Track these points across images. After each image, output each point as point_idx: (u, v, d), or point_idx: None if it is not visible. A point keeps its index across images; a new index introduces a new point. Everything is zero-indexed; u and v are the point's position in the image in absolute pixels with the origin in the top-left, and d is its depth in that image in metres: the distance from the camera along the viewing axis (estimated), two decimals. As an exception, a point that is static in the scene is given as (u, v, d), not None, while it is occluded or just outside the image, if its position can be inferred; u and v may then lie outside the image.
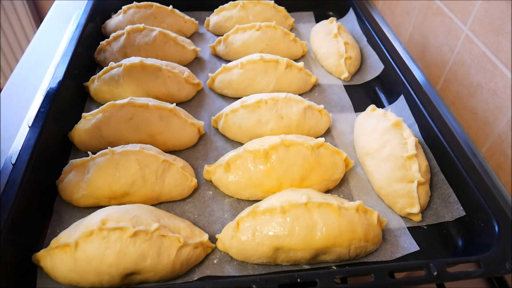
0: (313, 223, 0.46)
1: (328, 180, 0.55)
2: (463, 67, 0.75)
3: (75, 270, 0.42)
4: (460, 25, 0.75)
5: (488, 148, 0.69)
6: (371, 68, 0.76)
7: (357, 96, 0.73)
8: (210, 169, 0.56)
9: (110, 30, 0.82)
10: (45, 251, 0.44)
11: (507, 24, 0.63)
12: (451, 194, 0.53)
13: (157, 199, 0.53)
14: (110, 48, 0.75)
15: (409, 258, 0.48)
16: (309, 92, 0.74)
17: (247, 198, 0.54)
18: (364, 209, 0.49)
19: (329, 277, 0.39)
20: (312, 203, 0.47)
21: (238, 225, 0.47)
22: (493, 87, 0.67)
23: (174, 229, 0.46)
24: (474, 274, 0.41)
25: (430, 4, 0.84)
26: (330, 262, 0.47)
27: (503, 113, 0.65)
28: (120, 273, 0.43)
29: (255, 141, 0.57)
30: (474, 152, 0.67)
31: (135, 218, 0.45)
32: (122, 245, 0.42)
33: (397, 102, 0.66)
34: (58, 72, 0.62)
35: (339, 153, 0.56)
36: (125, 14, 0.82)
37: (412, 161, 0.53)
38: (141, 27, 0.74)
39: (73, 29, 0.74)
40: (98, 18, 0.83)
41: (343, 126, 0.67)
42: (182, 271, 0.45)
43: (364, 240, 0.46)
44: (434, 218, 0.53)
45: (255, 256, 0.46)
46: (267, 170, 0.53)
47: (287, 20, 0.88)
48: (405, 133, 0.57)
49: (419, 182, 0.52)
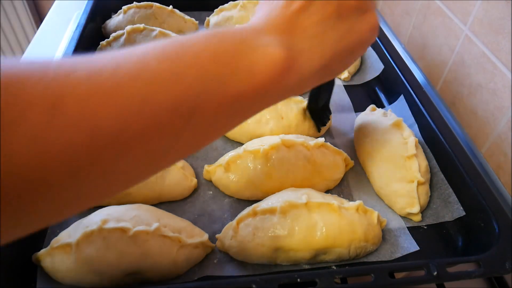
0: (313, 223, 0.46)
1: (328, 180, 0.55)
2: (463, 67, 0.75)
3: (75, 270, 0.42)
4: (460, 25, 0.75)
5: (488, 148, 0.69)
6: (371, 68, 0.76)
7: (357, 96, 0.73)
8: (210, 169, 0.56)
9: (110, 30, 0.82)
10: (45, 251, 0.44)
11: (507, 24, 0.63)
12: (451, 194, 0.53)
13: (157, 199, 0.53)
14: (110, 48, 0.75)
15: (409, 258, 0.48)
16: (309, 92, 0.74)
17: (247, 198, 0.54)
18: (364, 209, 0.49)
19: (329, 277, 0.39)
20: (312, 203, 0.47)
21: (238, 225, 0.47)
22: (493, 87, 0.67)
23: (174, 229, 0.46)
24: (474, 274, 0.41)
25: (430, 4, 0.84)
26: (330, 262, 0.47)
27: (503, 113, 0.65)
28: (121, 273, 0.43)
29: (255, 141, 0.57)
30: (474, 152, 0.67)
31: (135, 218, 0.45)
32: (123, 245, 0.42)
33: (397, 102, 0.67)
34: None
35: (339, 153, 0.56)
36: (125, 14, 0.82)
37: (412, 161, 0.53)
38: (141, 27, 0.74)
39: (73, 29, 0.74)
40: (98, 18, 0.83)
41: (343, 126, 0.67)
42: (182, 271, 0.45)
43: (364, 240, 0.46)
44: (434, 218, 0.53)
45: (255, 256, 0.46)
46: (267, 170, 0.53)
47: (287, 20, 0.88)
48: (405, 133, 0.57)
49: (419, 182, 0.52)
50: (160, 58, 0.25)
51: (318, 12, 0.32)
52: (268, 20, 0.32)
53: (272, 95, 0.31)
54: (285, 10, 0.32)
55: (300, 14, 0.32)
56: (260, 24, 0.31)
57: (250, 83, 0.28)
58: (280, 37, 0.31)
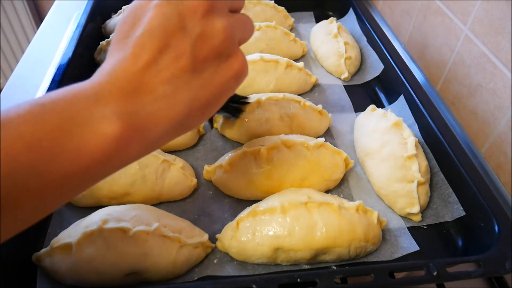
0: (313, 223, 0.46)
1: (328, 180, 0.55)
2: (463, 67, 0.75)
3: (76, 270, 0.42)
4: (460, 25, 0.75)
5: (488, 148, 0.69)
6: (371, 68, 0.76)
7: (357, 96, 0.73)
8: (210, 169, 0.56)
9: (110, 30, 0.82)
10: (45, 251, 0.44)
11: (507, 24, 0.63)
12: (451, 194, 0.53)
13: (157, 199, 0.53)
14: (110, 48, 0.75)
15: (409, 258, 0.48)
16: (309, 92, 0.74)
17: (247, 198, 0.54)
18: (364, 209, 0.49)
19: (329, 277, 0.39)
20: (312, 203, 0.47)
21: (238, 225, 0.47)
22: (493, 87, 0.67)
23: (174, 229, 0.46)
24: (474, 274, 0.41)
25: (430, 4, 0.84)
26: (330, 262, 0.47)
27: (503, 113, 0.65)
28: (121, 273, 0.43)
29: (255, 141, 0.57)
30: (474, 152, 0.67)
31: (135, 218, 0.45)
32: (123, 245, 0.42)
33: (397, 102, 0.67)
34: (58, 72, 0.62)
35: (339, 153, 0.57)
36: (125, 14, 0.82)
37: (412, 161, 0.53)
38: (141, 27, 0.74)
39: (73, 29, 0.74)
40: (98, 18, 0.83)
41: (343, 126, 0.67)
42: (182, 271, 0.45)
43: (364, 240, 0.46)
44: (434, 218, 0.53)
45: (255, 256, 0.46)
46: (267, 170, 0.53)
47: (287, 20, 0.88)
48: (405, 133, 0.57)
49: (419, 182, 0.52)
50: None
51: (169, 68, 0.28)
52: (111, 79, 0.28)
53: (110, 168, 0.29)
54: (132, 66, 0.28)
55: (148, 70, 0.28)
56: (101, 84, 0.28)
57: (78, 166, 0.26)
58: (120, 105, 0.27)
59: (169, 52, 0.28)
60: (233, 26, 0.31)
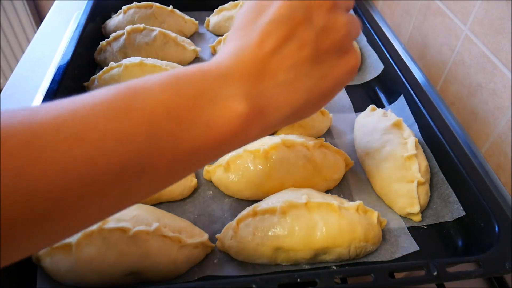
0: (313, 223, 0.46)
1: (328, 180, 0.55)
2: (463, 67, 0.75)
3: (76, 270, 0.42)
4: (460, 25, 0.75)
5: (488, 148, 0.69)
6: (371, 68, 0.76)
7: (357, 96, 0.73)
8: (210, 169, 0.56)
9: (110, 30, 0.82)
10: (45, 251, 0.44)
11: (507, 24, 0.63)
12: (451, 194, 0.53)
13: (157, 199, 0.53)
14: (110, 48, 0.75)
15: (409, 258, 0.48)
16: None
17: (247, 198, 0.54)
18: (364, 209, 0.49)
19: (329, 277, 0.39)
20: (312, 203, 0.47)
21: (238, 225, 0.47)
22: (493, 87, 0.67)
23: (174, 229, 0.46)
24: (474, 274, 0.41)
25: (430, 4, 0.84)
26: (330, 262, 0.47)
27: (503, 113, 0.65)
28: (121, 273, 0.43)
29: (255, 141, 0.57)
30: (474, 152, 0.67)
31: (135, 218, 0.45)
32: (123, 245, 0.42)
33: (397, 102, 0.67)
34: (58, 72, 0.62)
35: (339, 153, 0.57)
36: (125, 14, 0.82)
37: (412, 161, 0.53)
38: (141, 27, 0.74)
39: (73, 29, 0.74)
40: (98, 18, 0.83)
41: (343, 126, 0.67)
42: (182, 271, 0.45)
43: (364, 240, 0.46)
44: (434, 218, 0.53)
45: (255, 256, 0.46)
46: (267, 170, 0.53)
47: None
48: (405, 133, 0.57)
49: (419, 182, 0.52)
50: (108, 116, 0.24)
51: (293, 56, 0.29)
52: (237, 61, 0.29)
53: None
54: (258, 50, 0.29)
55: (273, 56, 0.29)
56: (227, 65, 0.29)
57: (207, 139, 0.27)
58: (246, 86, 0.28)
59: (294, 41, 0.29)
60: (352, 24, 0.32)
